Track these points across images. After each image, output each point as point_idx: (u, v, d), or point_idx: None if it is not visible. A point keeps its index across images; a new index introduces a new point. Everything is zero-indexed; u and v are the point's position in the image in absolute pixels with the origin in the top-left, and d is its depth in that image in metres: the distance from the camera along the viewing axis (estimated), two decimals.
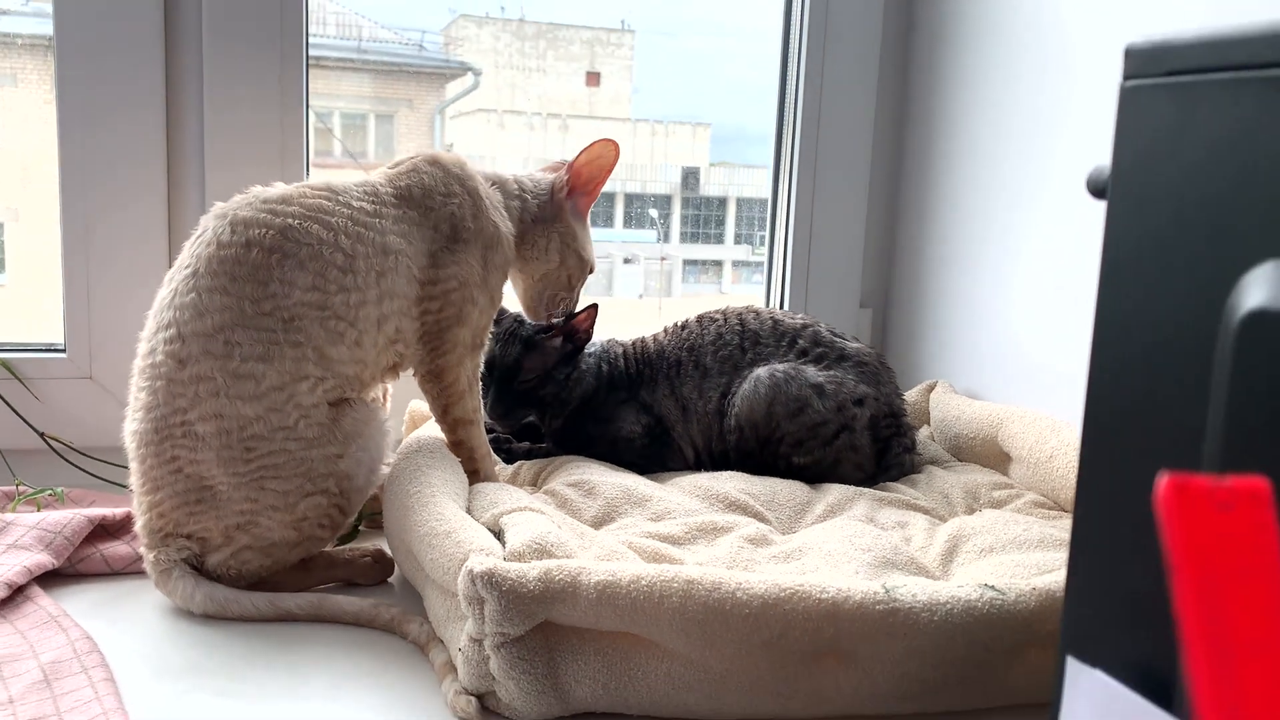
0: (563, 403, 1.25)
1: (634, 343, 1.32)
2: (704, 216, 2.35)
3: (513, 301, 1.22)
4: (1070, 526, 1.01)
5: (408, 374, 1.08)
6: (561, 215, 1.17)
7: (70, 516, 1.03)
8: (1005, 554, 0.96)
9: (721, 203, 2.34)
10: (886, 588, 0.76)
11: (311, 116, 1.38)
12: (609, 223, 2.16)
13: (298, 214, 0.95)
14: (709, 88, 2.09)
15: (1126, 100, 0.41)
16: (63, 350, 1.30)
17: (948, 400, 1.37)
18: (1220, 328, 0.37)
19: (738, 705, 0.76)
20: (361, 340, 0.96)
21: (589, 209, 1.21)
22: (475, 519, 0.93)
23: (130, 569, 1.02)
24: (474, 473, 1.08)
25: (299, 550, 0.96)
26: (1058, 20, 1.31)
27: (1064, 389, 1.28)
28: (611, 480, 1.11)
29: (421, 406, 1.30)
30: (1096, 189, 0.43)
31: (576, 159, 1.17)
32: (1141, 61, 0.41)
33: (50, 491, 1.14)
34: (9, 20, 1.47)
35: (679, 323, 1.32)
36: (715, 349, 1.25)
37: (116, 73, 1.26)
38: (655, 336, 1.32)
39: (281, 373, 0.92)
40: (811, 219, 1.58)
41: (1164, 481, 0.24)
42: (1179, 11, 1.11)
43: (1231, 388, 0.36)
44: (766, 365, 1.21)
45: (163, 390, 0.91)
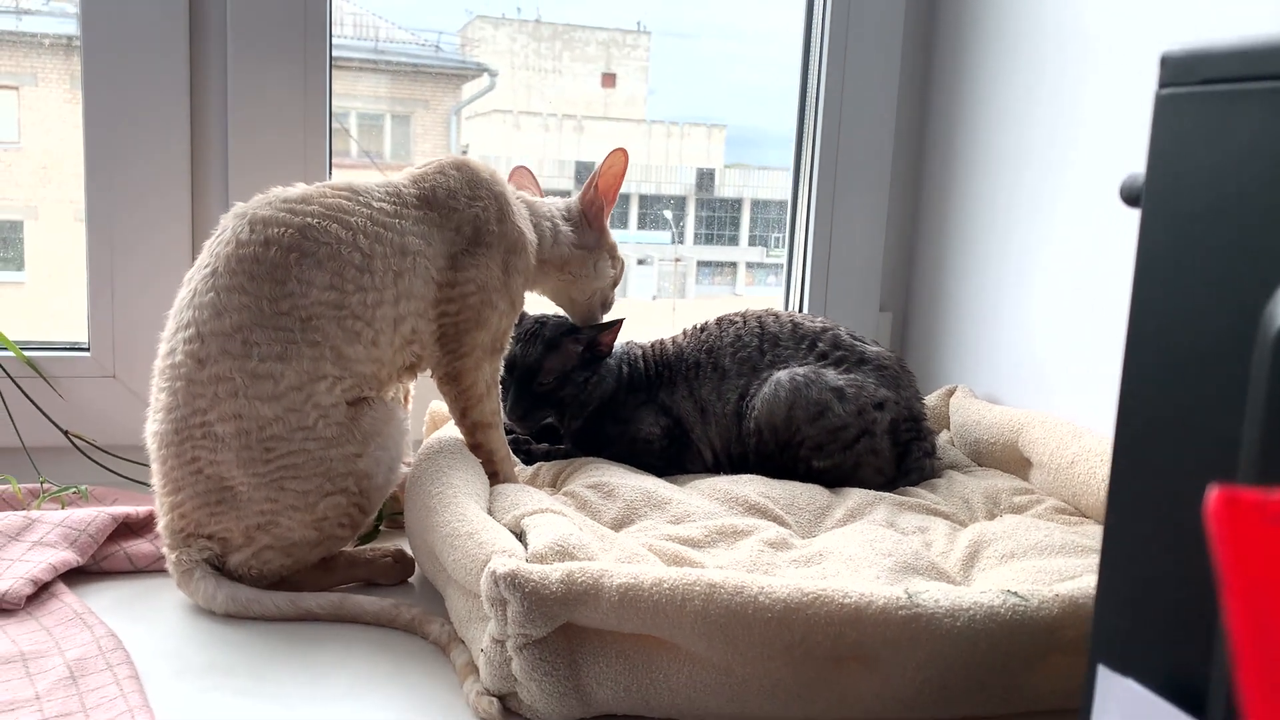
0: (582, 404, 1.25)
1: (653, 345, 1.32)
2: (719, 218, 2.35)
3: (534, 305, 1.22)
4: (1092, 532, 1.03)
5: (429, 374, 1.08)
6: (604, 237, 1.23)
7: (95, 514, 1.04)
8: (1027, 560, 0.96)
9: (736, 204, 2.33)
10: (909, 593, 0.76)
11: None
12: (624, 224, 2.16)
13: (317, 213, 0.95)
14: (724, 89, 2.08)
15: (1161, 108, 0.41)
16: (87, 349, 1.31)
17: (968, 405, 1.37)
18: (1256, 337, 0.37)
19: (759, 709, 0.76)
20: (378, 340, 0.97)
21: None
22: (497, 520, 0.93)
23: (153, 567, 1.03)
24: (493, 475, 1.08)
25: (319, 550, 0.97)
26: (1079, 25, 1.31)
27: (1083, 394, 1.28)
28: (631, 482, 1.11)
29: (442, 407, 1.30)
30: (1130, 197, 0.42)
31: (600, 179, 1.20)
32: (1177, 70, 0.40)
33: (74, 489, 1.15)
34: (30, 20, 1.48)
35: (698, 325, 1.31)
36: (734, 351, 1.25)
37: (141, 74, 1.27)
38: (674, 339, 1.32)
39: (300, 372, 0.92)
40: (832, 222, 1.57)
41: (1214, 495, 0.24)
42: (1199, 16, 1.10)
43: (1268, 397, 0.36)
44: (786, 368, 1.21)
45: (182, 391, 0.92)
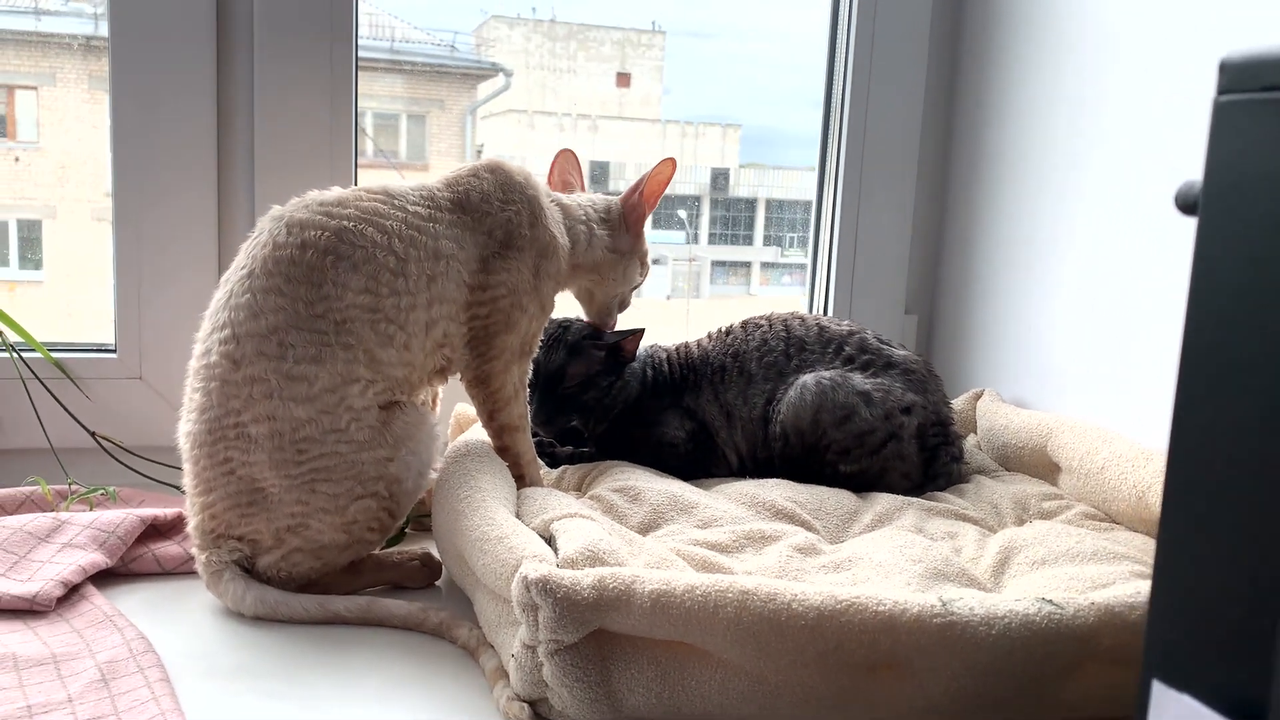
0: (606, 409, 1.25)
1: (678, 348, 1.31)
2: (733, 218, 2.35)
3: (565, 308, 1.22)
4: (1124, 539, 1.02)
5: (454, 378, 1.08)
6: (639, 243, 1.22)
7: (123, 516, 1.04)
8: (1058, 566, 0.95)
9: (751, 204, 2.33)
10: (943, 600, 0.75)
11: None
12: None
13: (353, 216, 0.96)
14: (739, 89, 2.08)
15: (1220, 115, 0.40)
16: (113, 350, 1.32)
17: (995, 409, 1.36)
18: None
19: (791, 716, 0.75)
20: (410, 343, 0.97)
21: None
22: (525, 524, 0.92)
23: (181, 569, 1.03)
24: (520, 478, 1.08)
25: (348, 553, 0.97)
26: (1103, 27, 1.30)
27: (1110, 398, 1.26)
28: (657, 486, 1.10)
29: (467, 410, 1.30)
30: (1186, 205, 0.42)
31: (647, 186, 1.20)
32: (1237, 76, 0.40)
33: (102, 490, 1.15)
34: (49, 20, 1.49)
35: (723, 328, 1.31)
36: (760, 355, 1.24)
37: (169, 76, 1.27)
38: (699, 342, 1.31)
39: (333, 374, 0.92)
40: (857, 224, 1.57)
41: None
42: (1222, 17, 1.09)
43: None
44: (813, 372, 1.20)
45: (217, 391, 0.92)
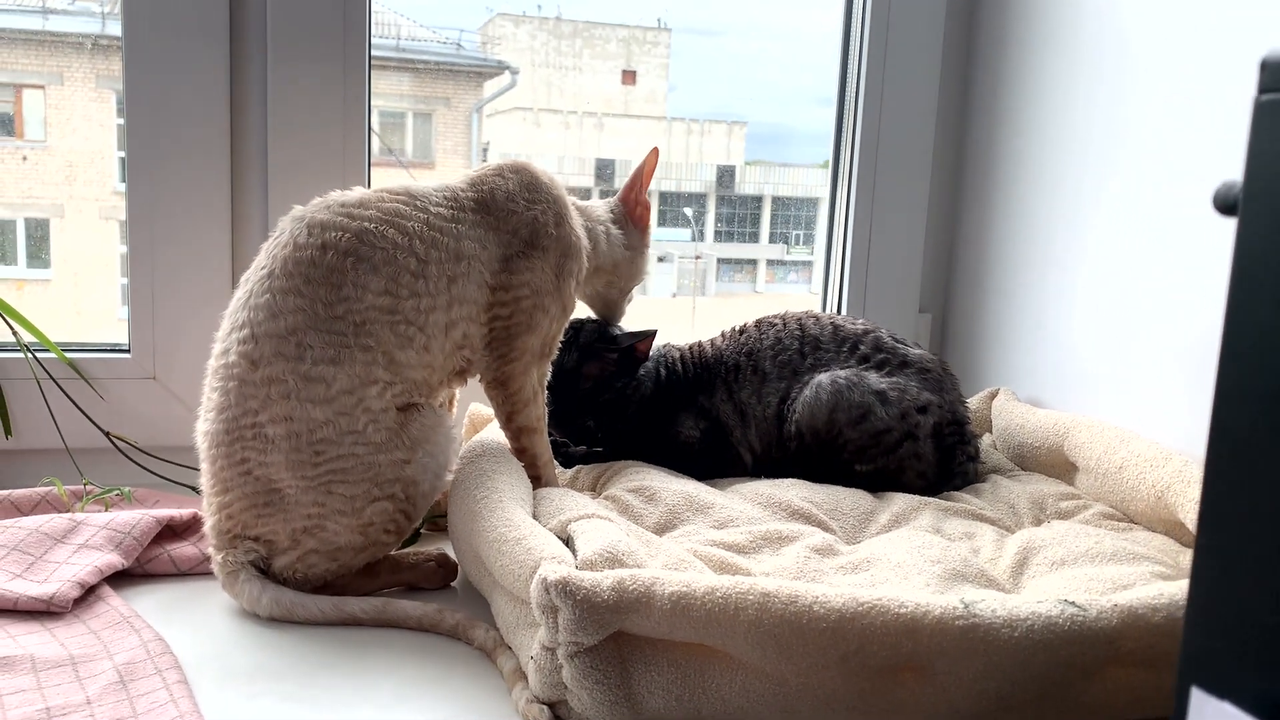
0: (620, 409, 1.24)
1: (691, 347, 1.31)
2: (739, 215, 2.34)
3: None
4: (1143, 539, 1.01)
5: (478, 379, 1.07)
6: (645, 237, 1.24)
7: (139, 517, 1.04)
8: (1078, 567, 0.94)
9: (757, 201, 2.33)
10: (965, 602, 0.75)
11: None
12: None
13: (374, 218, 0.95)
14: (745, 86, 2.07)
15: (1261, 115, 0.40)
16: (127, 350, 1.32)
17: (1011, 408, 1.35)
18: None
19: (813, 718, 0.75)
20: (429, 345, 0.96)
21: None
22: (543, 525, 0.92)
23: (196, 570, 1.03)
24: (536, 479, 1.08)
25: (364, 555, 0.97)
26: (1118, 24, 1.29)
27: (1126, 397, 1.26)
28: (673, 486, 1.10)
29: (482, 410, 1.30)
30: (1225, 205, 0.41)
31: (645, 180, 1.21)
32: (1278, 75, 0.39)
33: (118, 491, 1.15)
34: (56, 20, 1.49)
35: (737, 327, 1.30)
36: (774, 354, 1.24)
37: (182, 75, 1.27)
38: (713, 341, 1.31)
39: (351, 376, 0.92)
40: (871, 221, 1.56)
41: None
42: (1245, 13, 1.08)
43: None
44: (827, 371, 1.20)
45: (235, 391, 0.92)
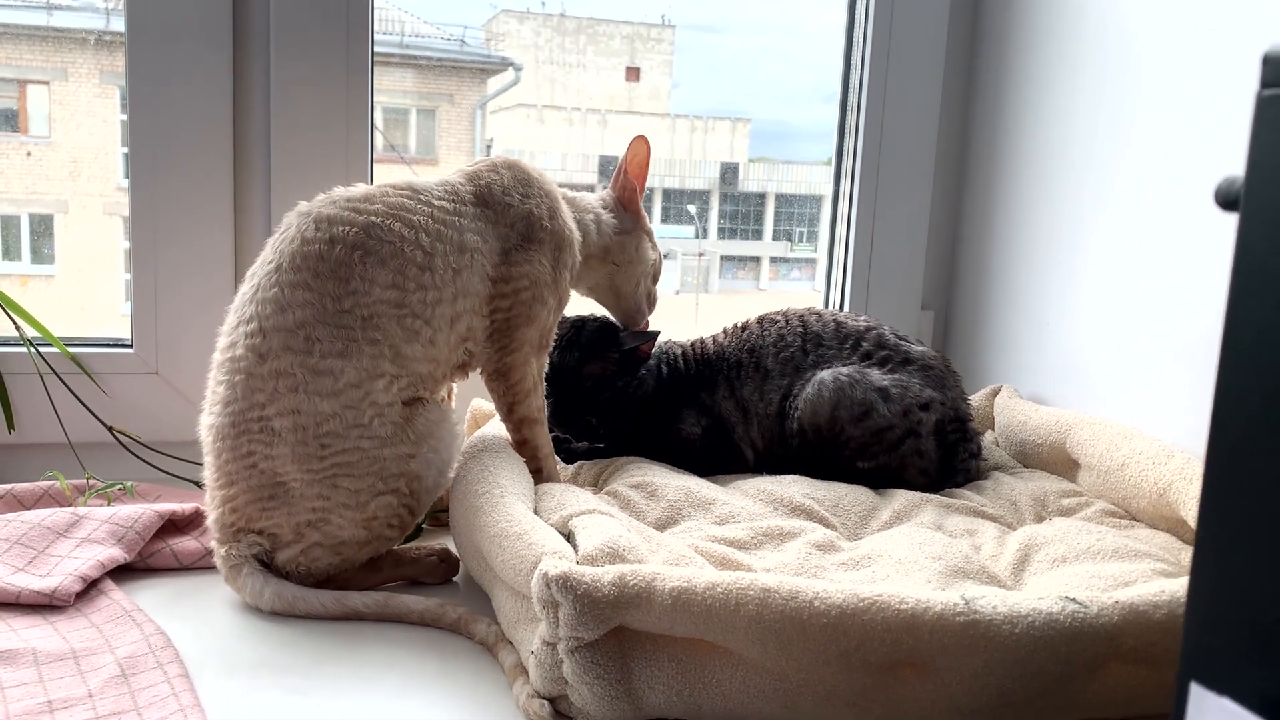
0: (622, 407, 1.24)
1: (693, 344, 1.31)
2: (742, 212, 2.34)
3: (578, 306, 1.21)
4: (1144, 536, 1.01)
5: (479, 372, 1.07)
6: (640, 220, 1.24)
7: (141, 511, 1.04)
8: (1079, 564, 0.94)
9: (760, 199, 2.33)
10: (966, 599, 0.75)
11: None
12: (647, 218, 2.16)
13: (381, 212, 0.96)
14: (749, 83, 2.07)
15: (1264, 110, 0.39)
16: (129, 345, 1.32)
17: (1013, 405, 1.35)
18: None
19: (813, 714, 0.75)
20: (435, 339, 0.97)
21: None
22: (544, 520, 0.92)
23: (199, 564, 1.03)
24: (537, 472, 1.08)
25: (368, 549, 0.97)
26: (1121, 22, 1.29)
27: (1129, 394, 1.26)
28: (674, 482, 1.10)
29: (484, 405, 1.30)
30: (1227, 201, 0.41)
31: (629, 166, 1.21)
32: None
33: (120, 485, 1.15)
34: (60, 15, 1.49)
35: (739, 324, 1.30)
36: (776, 350, 1.24)
37: (185, 71, 1.27)
38: (715, 337, 1.31)
39: (359, 370, 0.92)
40: (874, 218, 1.56)
41: None
42: (1247, 10, 1.08)
43: None
44: (830, 368, 1.20)
45: (241, 384, 0.92)
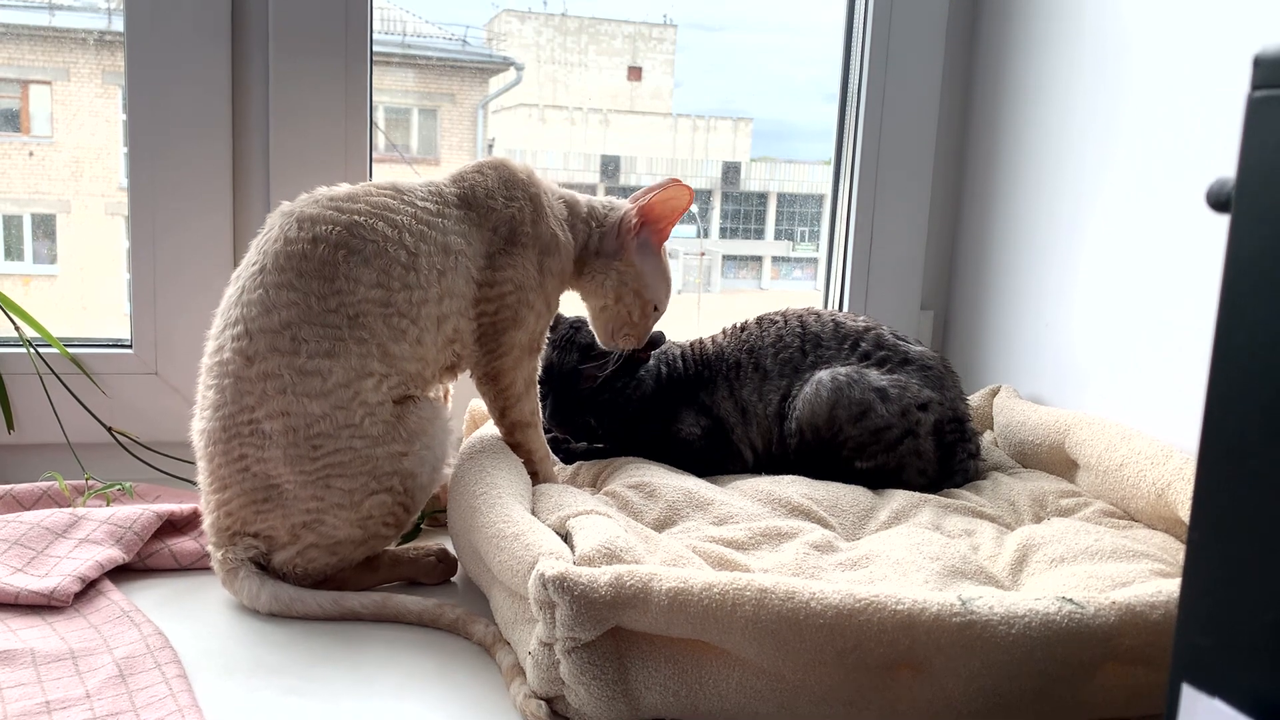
0: (621, 408, 1.24)
1: (692, 344, 1.31)
2: (744, 212, 2.34)
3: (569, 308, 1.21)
4: (1143, 536, 1.01)
5: (469, 374, 1.07)
6: (624, 252, 1.11)
7: (140, 512, 1.04)
8: (1077, 565, 0.94)
9: (762, 198, 2.33)
10: (963, 599, 0.75)
11: None
12: None
13: (364, 211, 0.96)
14: (751, 82, 2.07)
15: (1254, 111, 0.39)
16: (129, 346, 1.32)
17: (1012, 405, 1.35)
18: None
19: (809, 715, 0.75)
20: (422, 338, 0.97)
21: (661, 246, 1.14)
22: (541, 521, 0.92)
23: (197, 564, 1.03)
24: (533, 474, 1.08)
25: (364, 549, 0.97)
26: (1118, 23, 1.29)
27: (1128, 395, 1.26)
28: (672, 483, 1.10)
29: (482, 406, 1.30)
30: (1218, 202, 0.41)
31: (651, 198, 1.10)
32: (1271, 71, 0.39)
33: (119, 486, 1.16)
34: (62, 15, 1.49)
35: (738, 324, 1.30)
36: (775, 351, 1.24)
37: (184, 70, 1.27)
38: (714, 338, 1.31)
39: (347, 369, 0.92)
40: (873, 218, 1.56)
41: None
42: (1245, 9, 1.08)
43: None
44: (828, 368, 1.20)
45: (230, 388, 0.92)
